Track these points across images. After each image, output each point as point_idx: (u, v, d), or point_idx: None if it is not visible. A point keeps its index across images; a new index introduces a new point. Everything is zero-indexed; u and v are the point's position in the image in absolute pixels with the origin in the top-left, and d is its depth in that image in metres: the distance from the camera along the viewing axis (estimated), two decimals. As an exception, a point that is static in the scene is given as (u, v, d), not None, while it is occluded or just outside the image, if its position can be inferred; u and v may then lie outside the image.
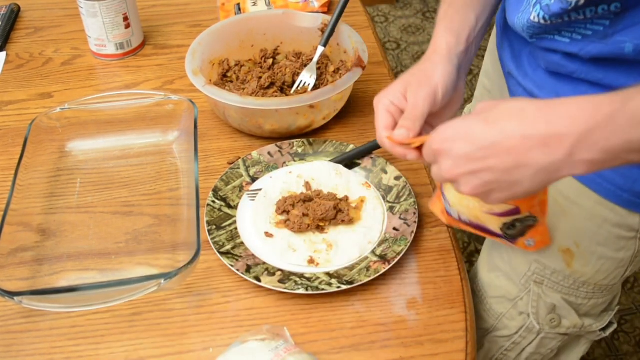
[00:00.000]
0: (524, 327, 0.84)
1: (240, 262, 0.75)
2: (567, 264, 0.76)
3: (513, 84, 0.78)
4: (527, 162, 0.51)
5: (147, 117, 0.92)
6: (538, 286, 0.80)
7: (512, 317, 0.84)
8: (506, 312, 0.84)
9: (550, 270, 0.78)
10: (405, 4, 2.97)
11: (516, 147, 0.51)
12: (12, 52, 1.14)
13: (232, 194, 0.85)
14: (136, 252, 0.79)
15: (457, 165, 0.55)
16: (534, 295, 0.81)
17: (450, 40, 0.70)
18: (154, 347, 0.70)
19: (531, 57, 0.74)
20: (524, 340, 0.85)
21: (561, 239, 0.76)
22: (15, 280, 0.75)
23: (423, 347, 0.70)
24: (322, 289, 0.72)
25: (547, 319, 0.81)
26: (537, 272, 0.79)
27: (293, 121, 0.91)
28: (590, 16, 0.63)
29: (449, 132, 0.56)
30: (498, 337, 0.87)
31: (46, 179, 0.88)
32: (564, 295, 0.79)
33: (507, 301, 0.84)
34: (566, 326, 0.81)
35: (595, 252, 0.74)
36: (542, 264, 0.78)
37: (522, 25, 0.69)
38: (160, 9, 1.24)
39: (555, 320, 0.81)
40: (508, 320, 0.85)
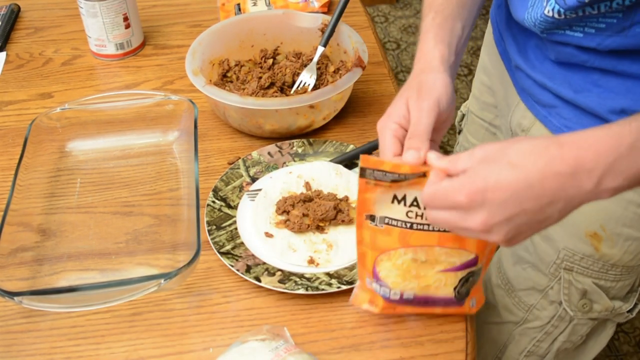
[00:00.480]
0: (556, 316, 0.84)
1: (240, 262, 0.75)
2: (595, 248, 0.77)
3: (521, 77, 0.78)
4: (560, 197, 0.52)
5: (147, 117, 0.92)
6: (568, 273, 0.80)
7: (543, 307, 0.85)
8: (537, 303, 0.85)
9: (579, 255, 0.78)
10: (405, 4, 2.97)
11: (552, 186, 0.52)
12: (12, 52, 1.14)
13: (232, 194, 0.85)
14: (136, 252, 0.79)
15: (493, 215, 0.53)
16: (564, 282, 0.81)
17: (443, 51, 0.68)
18: (154, 347, 0.70)
19: (537, 50, 0.75)
20: (556, 330, 0.85)
21: (588, 224, 0.76)
22: (15, 280, 0.75)
23: (423, 347, 0.70)
24: (322, 289, 0.72)
25: (579, 304, 0.82)
26: (566, 258, 0.79)
27: (293, 121, 0.91)
28: (604, 10, 0.63)
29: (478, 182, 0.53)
30: (529, 329, 0.87)
31: (46, 179, 0.88)
32: (594, 279, 0.80)
33: (537, 292, 0.84)
34: (597, 310, 0.82)
35: (621, 234, 0.75)
36: (571, 250, 0.78)
37: (534, 20, 0.69)
38: (160, 9, 1.24)
39: (587, 305, 0.82)
40: (539, 311, 0.85)
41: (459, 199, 0.53)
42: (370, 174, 0.58)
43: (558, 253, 0.80)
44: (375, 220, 0.61)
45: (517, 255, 0.86)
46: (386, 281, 0.65)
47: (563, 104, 0.73)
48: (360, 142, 0.92)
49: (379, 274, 0.64)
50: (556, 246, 0.80)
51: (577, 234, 0.77)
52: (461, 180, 0.54)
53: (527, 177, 0.52)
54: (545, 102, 0.74)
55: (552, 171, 0.51)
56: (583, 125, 0.70)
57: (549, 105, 0.74)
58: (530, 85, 0.76)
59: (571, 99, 0.71)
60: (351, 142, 0.93)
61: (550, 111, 0.74)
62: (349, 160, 0.89)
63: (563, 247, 0.79)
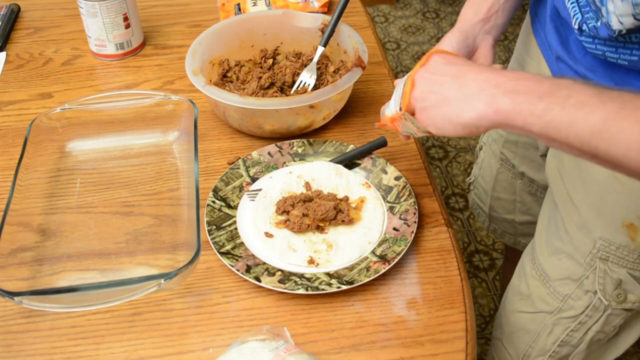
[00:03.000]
0: (591, 306, 0.85)
1: (240, 262, 0.75)
2: (632, 238, 0.78)
3: (562, 68, 0.80)
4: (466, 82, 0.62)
5: (147, 117, 0.92)
6: (604, 262, 0.81)
7: (578, 296, 0.85)
8: (571, 293, 0.86)
9: (615, 245, 0.79)
10: (405, 4, 2.97)
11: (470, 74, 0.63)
12: (12, 52, 1.14)
13: (232, 194, 0.85)
14: (136, 252, 0.79)
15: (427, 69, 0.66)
16: (600, 272, 0.82)
17: (467, 14, 0.82)
18: (154, 347, 0.70)
19: (579, 44, 0.76)
20: (590, 319, 0.86)
21: (624, 214, 0.77)
22: (15, 280, 0.75)
23: (423, 347, 0.70)
24: (322, 289, 0.72)
25: (614, 294, 0.83)
26: (602, 248, 0.80)
27: (293, 121, 0.91)
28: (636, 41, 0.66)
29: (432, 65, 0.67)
30: (564, 319, 0.88)
31: (46, 179, 0.88)
32: (630, 269, 0.81)
33: (572, 282, 0.85)
34: (632, 300, 0.83)
35: None
36: (607, 240, 0.80)
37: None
38: (160, 9, 1.24)
39: (622, 295, 0.82)
40: (574, 301, 0.86)
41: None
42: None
43: (594, 243, 0.81)
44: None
45: (553, 246, 0.87)
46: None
47: None
48: (360, 142, 0.92)
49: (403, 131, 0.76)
50: (592, 236, 0.81)
51: (614, 224, 0.78)
52: None
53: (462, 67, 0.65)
54: None
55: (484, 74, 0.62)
56: None
57: None
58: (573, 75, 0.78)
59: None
60: (351, 142, 0.93)
61: None
62: (349, 160, 0.89)
63: (599, 236, 0.80)
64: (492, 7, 0.82)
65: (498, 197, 1.12)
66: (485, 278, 1.80)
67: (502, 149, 1.06)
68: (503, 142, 1.05)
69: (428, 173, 0.90)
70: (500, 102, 0.59)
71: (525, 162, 1.03)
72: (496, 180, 1.10)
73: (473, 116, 0.61)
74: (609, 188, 0.77)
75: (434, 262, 0.78)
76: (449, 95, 0.63)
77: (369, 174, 0.88)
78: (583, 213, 0.81)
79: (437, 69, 0.66)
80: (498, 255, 1.86)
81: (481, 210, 1.19)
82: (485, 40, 0.82)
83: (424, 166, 0.91)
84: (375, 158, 0.89)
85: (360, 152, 0.89)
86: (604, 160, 0.56)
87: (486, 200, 1.15)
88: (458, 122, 0.63)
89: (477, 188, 1.18)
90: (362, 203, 0.84)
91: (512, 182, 1.07)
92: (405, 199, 0.83)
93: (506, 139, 1.04)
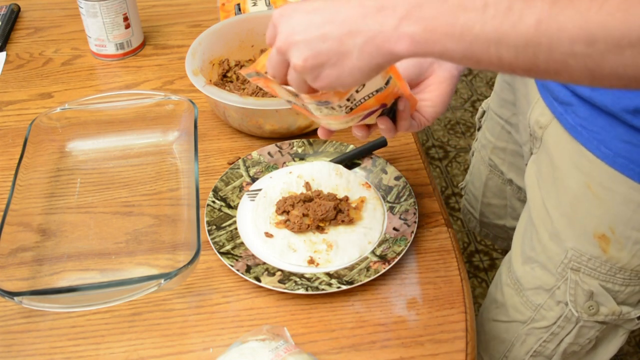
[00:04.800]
0: (562, 317, 0.84)
1: (240, 262, 0.75)
2: (603, 250, 0.77)
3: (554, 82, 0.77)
4: (360, 29, 0.51)
5: (147, 117, 0.92)
6: (575, 273, 0.80)
7: (550, 307, 0.84)
8: (544, 303, 0.85)
9: (586, 256, 0.78)
10: (405, 4, 2.96)
11: (353, 15, 0.51)
12: (12, 52, 1.14)
13: (232, 194, 0.85)
14: (136, 252, 0.79)
15: (293, 33, 0.53)
16: (571, 282, 0.81)
17: None
18: (154, 347, 0.70)
19: None
20: (563, 331, 0.85)
21: (596, 225, 0.76)
22: (15, 280, 0.75)
23: (423, 347, 0.70)
24: (322, 289, 0.72)
25: (585, 306, 0.81)
26: (574, 259, 0.79)
27: (293, 121, 0.91)
28: None
29: (287, 8, 0.54)
30: (536, 329, 0.87)
31: (46, 179, 0.88)
32: (601, 281, 0.79)
33: (544, 291, 0.84)
34: (604, 313, 0.82)
35: (630, 237, 0.75)
36: (578, 250, 0.78)
37: None
38: (160, 9, 1.25)
39: (594, 308, 0.81)
40: (546, 311, 0.85)
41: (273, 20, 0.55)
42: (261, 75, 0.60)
43: (566, 253, 0.80)
44: (288, 102, 0.66)
45: (526, 255, 0.86)
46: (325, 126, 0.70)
47: (579, 102, 0.72)
48: (360, 142, 0.92)
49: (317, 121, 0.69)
50: (564, 246, 0.80)
51: (585, 234, 0.77)
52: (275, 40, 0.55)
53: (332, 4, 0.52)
54: (562, 98, 0.74)
55: (358, 2, 0.51)
56: (597, 125, 0.70)
57: (566, 102, 0.74)
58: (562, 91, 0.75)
59: (588, 97, 0.70)
60: (351, 142, 0.93)
61: (566, 109, 0.74)
62: (349, 160, 0.89)
63: (571, 247, 0.79)
64: None
65: (488, 203, 1.11)
66: (485, 278, 1.80)
67: (490, 155, 1.05)
68: (491, 149, 1.04)
69: (428, 173, 0.90)
70: (408, 32, 0.49)
71: (513, 169, 1.02)
72: (486, 186, 1.09)
73: (381, 60, 0.52)
74: (581, 197, 0.75)
75: (434, 262, 0.78)
76: (342, 49, 0.52)
77: (369, 174, 0.88)
78: (555, 222, 0.79)
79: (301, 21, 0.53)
80: (498, 255, 1.86)
81: (472, 215, 1.17)
82: (444, 70, 0.70)
83: (424, 166, 0.91)
84: (375, 158, 0.89)
85: (360, 152, 0.89)
86: (544, 69, 0.48)
87: (476, 206, 1.14)
88: (367, 70, 0.53)
89: (468, 194, 1.17)
90: (362, 203, 0.84)
91: (502, 187, 1.06)
92: (405, 199, 0.83)
93: (494, 145, 1.03)
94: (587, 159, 0.73)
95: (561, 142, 0.75)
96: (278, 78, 0.58)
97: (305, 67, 0.53)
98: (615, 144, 0.70)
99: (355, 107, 0.62)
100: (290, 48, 0.53)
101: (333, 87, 0.55)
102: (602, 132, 0.70)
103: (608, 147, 0.70)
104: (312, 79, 0.54)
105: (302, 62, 0.53)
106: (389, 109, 0.66)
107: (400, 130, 0.69)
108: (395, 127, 0.68)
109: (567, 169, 0.76)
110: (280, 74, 0.57)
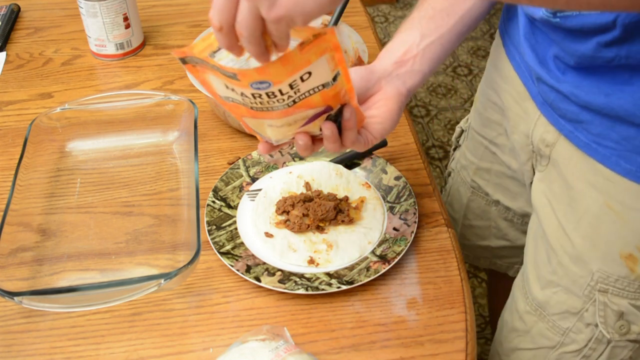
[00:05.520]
0: (593, 339, 0.81)
1: (240, 262, 0.75)
2: (631, 269, 0.74)
3: (544, 90, 0.75)
4: None
5: (147, 117, 0.92)
6: (603, 295, 0.77)
7: (580, 330, 0.81)
8: (572, 326, 0.81)
9: (614, 277, 0.76)
10: (405, 4, 2.97)
11: None
12: (12, 52, 1.14)
13: (232, 194, 0.85)
14: (136, 252, 0.79)
15: None
16: (599, 304, 0.78)
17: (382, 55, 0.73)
18: (154, 347, 0.70)
19: (557, 60, 0.72)
20: (594, 353, 0.82)
21: (622, 246, 0.73)
22: (15, 280, 0.75)
23: (423, 347, 0.70)
24: (322, 289, 0.72)
25: (617, 326, 0.78)
26: (601, 280, 0.76)
27: (293, 121, 0.91)
28: None
29: None
30: (566, 353, 0.84)
31: (46, 179, 0.88)
32: (631, 300, 0.77)
33: (572, 315, 0.81)
34: (636, 332, 0.79)
35: None
36: (605, 272, 0.76)
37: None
38: (160, 9, 1.25)
39: (625, 327, 0.78)
40: (575, 334, 0.82)
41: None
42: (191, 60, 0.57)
43: (592, 275, 0.77)
44: (224, 99, 0.61)
45: (546, 280, 0.83)
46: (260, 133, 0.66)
47: (592, 117, 0.69)
48: (360, 142, 0.92)
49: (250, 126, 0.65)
50: (589, 268, 0.77)
51: (611, 255, 0.74)
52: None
53: None
54: (570, 116, 0.72)
55: None
56: (613, 140, 0.68)
57: (575, 120, 0.71)
58: (555, 98, 0.73)
59: (602, 106, 0.68)
60: (351, 142, 0.93)
61: (576, 126, 0.72)
62: (349, 160, 0.89)
63: (597, 269, 0.76)
64: (409, 51, 0.73)
65: (470, 225, 1.06)
66: (485, 278, 1.80)
67: (472, 177, 1.00)
68: (474, 170, 0.99)
69: (428, 173, 0.90)
70: None
71: (499, 190, 0.97)
72: (467, 208, 1.04)
73: None
74: (603, 217, 0.73)
75: (434, 262, 0.78)
76: None
77: (369, 174, 0.88)
78: (577, 244, 0.77)
79: None
80: (498, 255, 1.86)
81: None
82: (391, 86, 0.71)
83: (424, 166, 0.91)
84: (375, 158, 0.89)
85: (360, 152, 0.89)
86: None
87: (456, 228, 1.05)
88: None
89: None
90: (362, 203, 0.84)
91: (486, 209, 1.01)
92: (405, 199, 0.83)
93: (478, 167, 0.98)
94: (605, 176, 0.70)
95: (573, 160, 0.73)
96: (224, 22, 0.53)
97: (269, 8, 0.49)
98: (636, 158, 0.67)
99: (298, 100, 0.57)
100: None
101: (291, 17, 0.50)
102: (619, 147, 0.67)
103: (628, 161, 0.67)
104: (268, 5, 0.49)
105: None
106: (334, 115, 0.63)
107: (346, 143, 0.66)
108: (340, 139, 0.65)
109: (583, 188, 0.73)
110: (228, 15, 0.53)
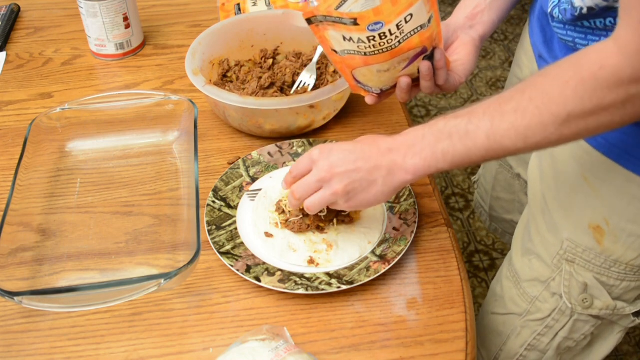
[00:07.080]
0: (557, 309, 0.85)
1: (240, 262, 0.75)
2: (598, 241, 0.78)
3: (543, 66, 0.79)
4: (381, 164, 0.69)
5: (147, 117, 0.92)
6: (570, 265, 0.81)
7: (545, 299, 0.85)
8: (539, 295, 0.86)
9: (581, 248, 0.79)
10: None
11: (374, 154, 0.70)
12: (12, 52, 1.14)
13: (232, 194, 0.85)
14: (136, 252, 0.79)
15: (333, 166, 0.70)
16: (565, 274, 0.82)
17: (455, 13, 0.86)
18: (154, 347, 0.70)
19: (561, 43, 0.76)
20: (557, 324, 0.86)
21: (591, 216, 0.77)
22: (15, 280, 0.75)
23: (423, 347, 0.70)
24: (322, 289, 0.72)
25: (580, 299, 0.82)
26: (569, 250, 0.80)
27: (293, 121, 0.91)
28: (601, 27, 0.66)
29: (325, 147, 0.72)
30: (531, 321, 0.88)
31: (46, 179, 0.88)
32: (596, 274, 0.80)
33: (540, 283, 0.85)
34: (598, 307, 0.82)
35: (625, 229, 0.76)
36: (574, 241, 0.80)
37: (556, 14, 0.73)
38: (160, 9, 1.25)
39: (588, 301, 0.82)
40: (541, 303, 0.86)
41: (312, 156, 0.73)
42: (315, 20, 0.70)
43: (562, 244, 0.81)
44: (339, 53, 0.74)
45: (526, 247, 0.87)
46: (367, 84, 0.79)
47: None
48: (360, 142, 0.92)
49: (359, 79, 0.79)
50: (560, 237, 0.81)
51: (581, 225, 0.78)
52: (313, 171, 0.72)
53: (356, 146, 0.71)
54: None
55: (375, 146, 0.70)
56: None
57: None
58: None
59: None
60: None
61: None
62: (349, 160, 0.89)
63: (566, 237, 0.80)
64: (478, 5, 0.85)
65: (498, 197, 1.12)
66: (485, 278, 1.80)
67: None
68: None
69: (428, 173, 0.90)
70: (412, 163, 0.68)
71: (521, 164, 1.03)
72: (496, 180, 1.10)
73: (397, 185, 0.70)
74: (578, 188, 0.77)
75: (434, 262, 0.78)
76: (370, 178, 0.69)
77: (369, 174, 0.88)
78: (553, 213, 0.81)
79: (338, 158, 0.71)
80: (498, 255, 1.86)
81: (483, 209, 1.19)
82: (466, 34, 0.83)
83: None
84: (375, 158, 0.89)
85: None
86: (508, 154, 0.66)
87: (487, 199, 1.15)
88: (388, 192, 0.70)
89: (480, 187, 1.18)
90: (362, 203, 0.84)
91: (511, 182, 1.07)
92: (405, 199, 0.83)
93: None
94: (584, 150, 0.74)
95: None
96: (303, 199, 0.73)
97: (345, 191, 0.70)
98: (610, 133, 0.70)
99: (403, 40, 0.70)
100: (333, 178, 0.70)
101: (359, 208, 0.74)
102: None
103: (603, 136, 0.71)
104: (345, 200, 0.71)
105: (343, 188, 0.70)
106: (429, 56, 0.75)
107: (439, 81, 0.77)
108: (433, 78, 0.77)
109: (566, 160, 0.77)
110: (307, 195, 0.72)
